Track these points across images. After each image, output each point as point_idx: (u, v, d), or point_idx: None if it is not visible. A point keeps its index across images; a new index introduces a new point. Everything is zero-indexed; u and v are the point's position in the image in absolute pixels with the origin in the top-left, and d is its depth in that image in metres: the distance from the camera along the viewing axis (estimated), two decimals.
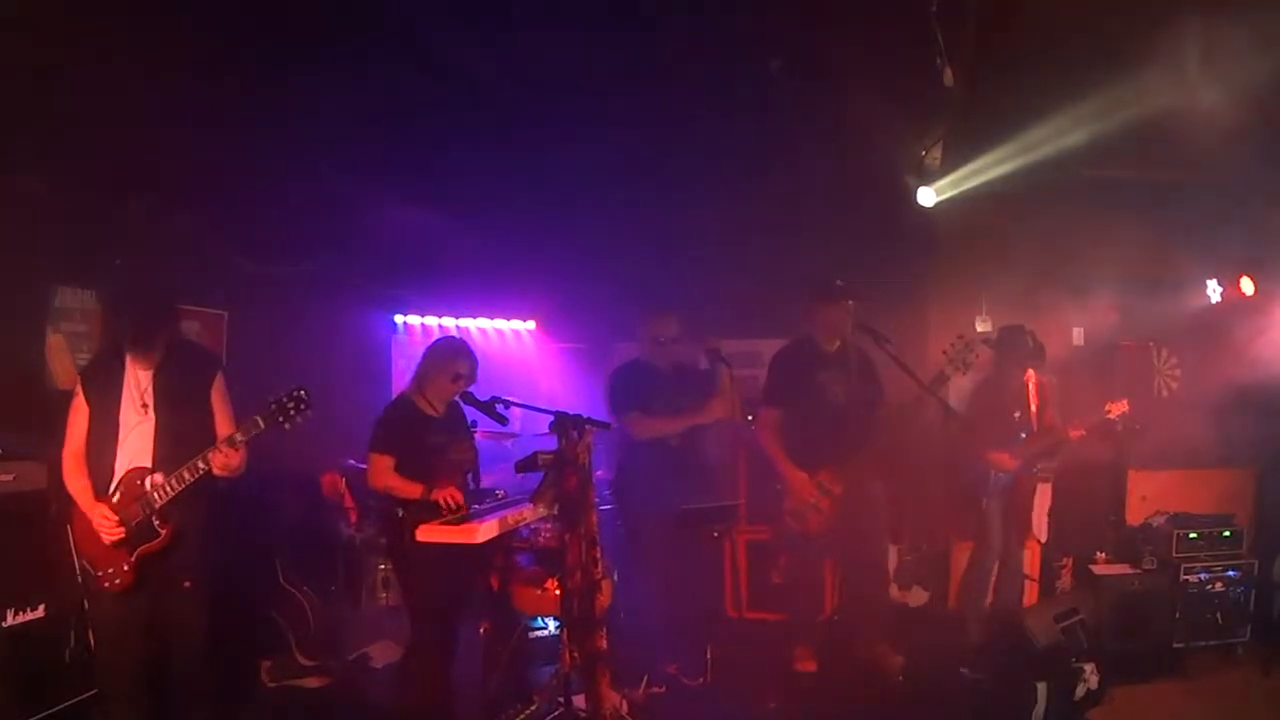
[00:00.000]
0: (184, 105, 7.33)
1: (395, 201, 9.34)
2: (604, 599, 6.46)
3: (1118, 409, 8.38)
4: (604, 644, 6.24)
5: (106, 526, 5.88)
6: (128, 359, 6.09)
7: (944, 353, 7.72)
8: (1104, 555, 8.92)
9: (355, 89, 8.18)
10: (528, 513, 6.89)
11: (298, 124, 8.03)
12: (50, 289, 7.67)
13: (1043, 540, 9.20)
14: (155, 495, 5.92)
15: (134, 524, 5.92)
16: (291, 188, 8.56)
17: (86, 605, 6.60)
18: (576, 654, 6.16)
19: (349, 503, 9.11)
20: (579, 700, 6.34)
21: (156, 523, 5.95)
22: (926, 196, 9.94)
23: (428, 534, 6.34)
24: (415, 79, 8.25)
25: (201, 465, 5.88)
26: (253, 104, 7.63)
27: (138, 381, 6.06)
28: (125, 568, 5.97)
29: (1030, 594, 9.18)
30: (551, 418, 6.23)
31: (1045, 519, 9.17)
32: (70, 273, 7.71)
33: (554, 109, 8.76)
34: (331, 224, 9.45)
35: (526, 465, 6.37)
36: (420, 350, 7.39)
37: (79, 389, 6.12)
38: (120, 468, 5.99)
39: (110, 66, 6.69)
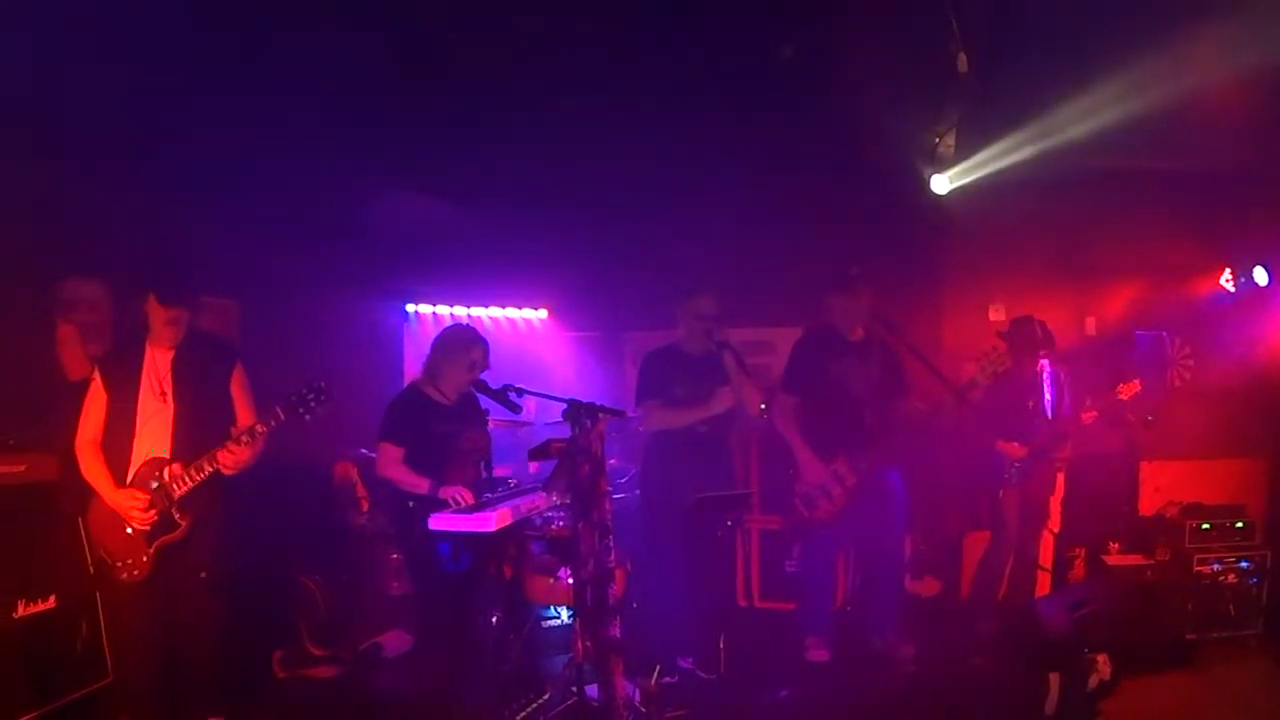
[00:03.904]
0: (192, 94, 7.32)
1: (407, 190, 9.33)
2: (617, 588, 6.45)
3: (1129, 390, 8.39)
4: (617, 633, 6.23)
5: (137, 509, 5.89)
6: (147, 345, 6.11)
7: (976, 360, 7.66)
8: (1117, 546, 8.92)
9: (366, 78, 8.17)
10: (540, 501, 6.89)
11: (307, 113, 8.01)
12: (59, 279, 7.65)
13: (1055, 530, 9.20)
14: (174, 486, 5.93)
15: (155, 514, 5.93)
16: (301, 177, 8.53)
17: (99, 596, 6.63)
18: (589, 643, 6.13)
19: (360, 492, 9.08)
20: (592, 690, 6.30)
21: (176, 514, 5.96)
22: (940, 184, 9.93)
23: (441, 522, 6.34)
24: (427, 68, 8.25)
25: (218, 461, 5.90)
26: (263, 93, 7.60)
27: (157, 369, 6.06)
28: (144, 559, 5.99)
29: (1043, 584, 9.17)
30: (564, 406, 6.21)
31: (1058, 509, 9.17)
32: (78, 263, 7.68)
33: (566, 97, 8.73)
34: (343, 213, 9.43)
35: (539, 453, 6.35)
36: (432, 339, 7.36)
37: (96, 376, 6.12)
38: (138, 457, 6.01)
39: (115, 55, 6.68)
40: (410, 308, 11.27)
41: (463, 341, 7.10)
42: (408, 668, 7.94)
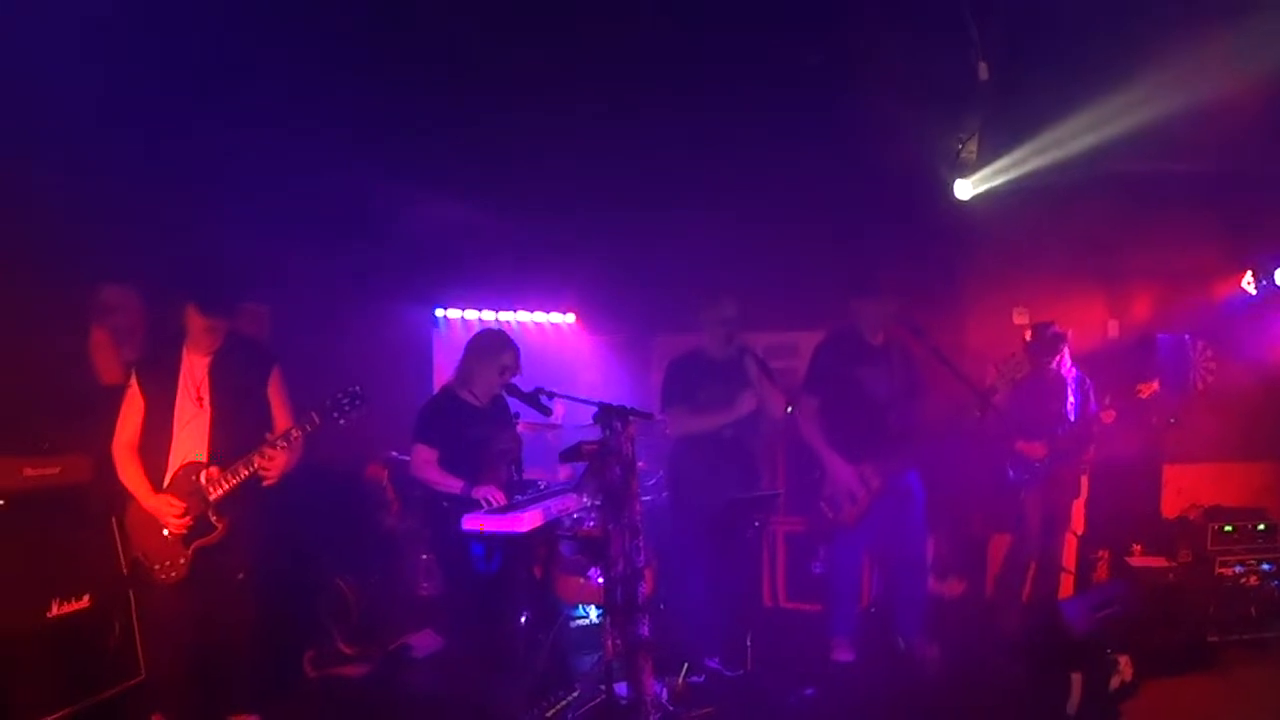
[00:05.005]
0: (225, 101, 7.40)
1: (437, 196, 9.39)
2: (646, 587, 6.52)
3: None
4: (646, 632, 6.29)
5: (173, 514, 5.97)
6: (184, 350, 6.17)
7: (995, 366, 7.70)
8: (1139, 548, 8.94)
9: (396, 84, 8.25)
10: (570, 503, 6.95)
11: (337, 118, 8.09)
12: (93, 284, 7.74)
13: (1079, 532, 9.24)
14: (210, 489, 6.00)
15: (191, 517, 6.01)
16: (332, 183, 8.61)
17: (133, 596, 6.71)
18: (619, 642, 6.19)
19: (391, 494, 9.17)
20: (621, 688, 6.33)
21: (213, 517, 6.04)
22: (963, 189, 9.98)
23: (473, 523, 6.41)
24: (452, 71, 8.31)
25: (255, 465, 5.99)
26: (294, 100, 7.68)
27: (194, 374, 6.13)
28: (182, 561, 6.06)
29: (1066, 586, 9.21)
30: (595, 409, 6.29)
31: (1082, 511, 9.21)
32: (112, 268, 7.78)
33: (592, 101, 8.78)
34: (374, 219, 9.51)
35: (570, 455, 6.41)
36: (462, 343, 7.44)
37: (134, 381, 6.18)
38: (174, 461, 6.08)
39: (147, 61, 6.76)
40: (440, 312, 11.36)
41: (494, 345, 7.17)
42: (438, 666, 8.01)
